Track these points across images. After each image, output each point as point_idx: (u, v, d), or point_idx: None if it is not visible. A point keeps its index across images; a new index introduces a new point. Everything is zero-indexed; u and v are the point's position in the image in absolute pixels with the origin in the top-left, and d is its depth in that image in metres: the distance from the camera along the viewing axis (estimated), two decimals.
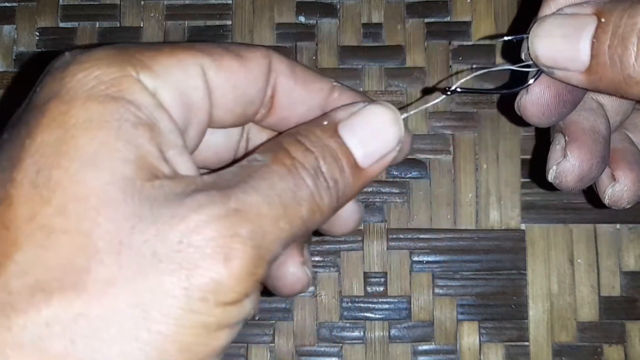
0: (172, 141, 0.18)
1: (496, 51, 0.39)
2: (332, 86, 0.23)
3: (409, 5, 0.39)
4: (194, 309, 0.16)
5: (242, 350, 0.37)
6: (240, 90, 0.21)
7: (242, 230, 0.16)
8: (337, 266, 0.37)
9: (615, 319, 0.37)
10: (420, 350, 0.37)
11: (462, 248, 0.37)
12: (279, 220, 0.18)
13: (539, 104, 0.24)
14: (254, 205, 0.17)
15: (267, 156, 0.19)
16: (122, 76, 0.18)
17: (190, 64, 0.19)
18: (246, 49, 0.21)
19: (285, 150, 0.19)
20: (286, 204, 0.18)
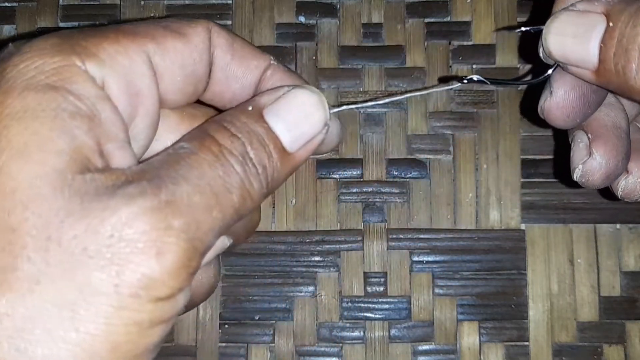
0: (113, 134, 0.18)
1: (496, 51, 0.39)
2: (268, 64, 0.22)
3: (409, 5, 0.39)
4: (125, 306, 0.15)
5: (242, 350, 0.37)
6: (188, 69, 0.20)
7: (175, 222, 0.16)
8: (337, 266, 0.37)
9: (615, 319, 0.37)
10: (420, 350, 0.37)
11: (462, 248, 0.37)
12: (212, 210, 0.17)
13: (564, 106, 0.24)
14: (185, 195, 0.17)
15: (193, 144, 0.18)
16: (64, 65, 0.17)
17: (135, 51, 0.19)
18: (186, 25, 0.20)
19: (212, 137, 0.19)
20: (217, 192, 0.17)
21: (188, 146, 0.18)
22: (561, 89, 0.24)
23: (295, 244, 0.37)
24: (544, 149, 0.38)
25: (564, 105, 0.24)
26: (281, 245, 0.37)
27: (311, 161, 0.38)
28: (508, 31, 0.38)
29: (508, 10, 0.39)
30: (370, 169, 0.38)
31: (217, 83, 0.22)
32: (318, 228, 0.38)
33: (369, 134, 0.38)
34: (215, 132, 0.19)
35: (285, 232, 0.38)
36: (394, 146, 0.38)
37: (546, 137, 0.38)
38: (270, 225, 0.38)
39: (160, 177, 0.17)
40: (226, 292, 0.37)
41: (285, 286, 0.37)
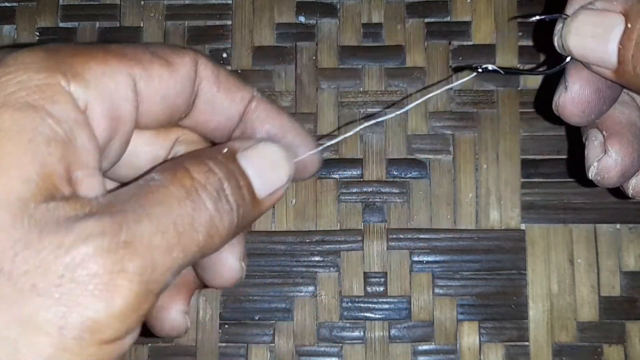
0: (85, 161, 0.17)
1: (496, 51, 0.39)
2: (252, 96, 0.22)
3: (409, 5, 0.39)
4: (67, 348, 0.15)
5: (242, 350, 0.37)
6: (169, 100, 0.20)
7: (130, 265, 0.16)
8: (337, 266, 0.37)
9: (615, 319, 0.37)
10: (420, 350, 0.37)
11: (462, 248, 0.37)
12: (172, 251, 0.17)
13: (579, 101, 0.23)
14: (146, 236, 0.16)
15: (165, 176, 0.18)
16: (48, 84, 0.17)
17: (121, 73, 0.19)
18: (174, 54, 0.20)
19: (186, 170, 0.18)
20: (181, 231, 0.17)
21: (159, 178, 0.18)
22: (577, 84, 0.23)
23: (295, 244, 0.37)
24: (544, 149, 0.38)
25: (579, 100, 0.23)
26: (281, 245, 0.37)
27: None
28: (524, 19, 0.38)
29: (508, 10, 0.39)
30: (370, 169, 0.38)
31: (202, 113, 0.22)
32: (318, 228, 0.38)
33: (369, 134, 0.38)
34: (192, 165, 0.19)
35: (285, 232, 0.38)
36: (394, 146, 0.38)
37: (546, 137, 0.38)
38: (270, 225, 0.38)
39: (124, 213, 0.16)
40: (226, 292, 0.37)
41: (285, 286, 0.37)
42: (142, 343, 0.37)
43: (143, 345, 0.37)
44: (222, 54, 0.39)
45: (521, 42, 0.39)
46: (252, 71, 0.39)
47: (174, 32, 0.39)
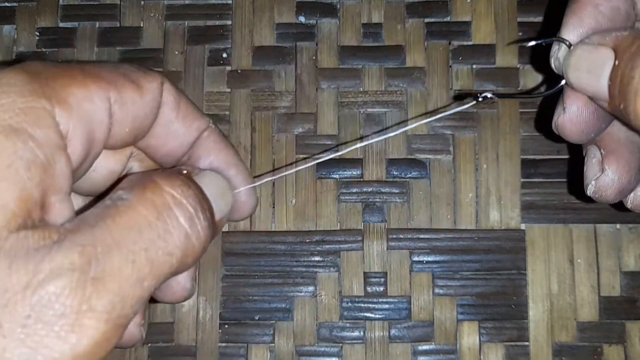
0: (59, 186, 0.17)
1: (496, 52, 0.39)
2: (207, 126, 0.23)
3: (409, 5, 0.39)
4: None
5: (242, 350, 0.37)
6: (137, 122, 0.20)
7: (98, 303, 0.15)
8: (337, 266, 0.37)
9: (615, 319, 0.37)
10: (420, 350, 0.37)
11: (462, 248, 0.37)
12: (144, 280, 0.17)
13: (578, 122, 0.24)
14: (115, 269, 0.16)
15: (134, 193, 0.18)
16: (32, 107, 0.17)
17: (100, 98, 0.19)
18: (144, 77, 0.20)
19: (156, 185, 0.18)
20: (154, 257, 0.17)
21: (127, 197, 0.17)
22: (574, 104, 0.24)
23: (295, 244, 0.37)
24: (544, 149, 0.38)
25: (577, 121, 0.24)
26: (281, 245, 0.37)
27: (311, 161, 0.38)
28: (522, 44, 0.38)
29: (508, 10, 0.39)
30: (370, 169, 0.38)
31: (156, 137, 0.22)
32: (318, 228, 0.38)
33: (369, 134, 0.38)
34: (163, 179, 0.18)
35: (285, 232, 0.38)
36: (394, 146, 0.38)
37: (546, 137, 0.38)
38: (270, 225, 0.38)
39: (92, 245, 0.16)
40: (226, 292, 0.37)
41: (285, 286, 0.37)
42: (142, 343, 0.37)
43: (143, 345, 0.37)
44: (222, 54, 0.39)
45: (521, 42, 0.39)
46: (252, 71, 0.39)
47: (174, 32, 0.39)
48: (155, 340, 0.37)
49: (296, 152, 0.38)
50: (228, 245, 0.37)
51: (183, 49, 0.39)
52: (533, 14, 0.39)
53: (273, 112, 0.39)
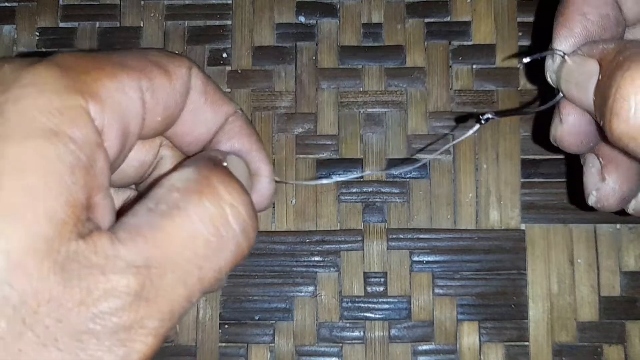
0: (101, 183, 0.17)
1: (496, 52, 0.39)
2: (234, 111, 0.22)
3: (409, 5, 0.39)
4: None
5: (242, 350, 0.37)
6: (170, 110, 0.20)
7: (149, 322, 0.16)
8: (337, 266, 0.37)
9: (615, 319, 0.37)
10: (420, 350, 0.37)
11: (462, 248, 0.37)
12: (192, 298, 0.17)
13: (576, 132, 0.24)
14: (168, 290, 0.16)
15: (190, 202, 0.17)
16: (68, 106, 0.16)
17: (131, 88, 0.18)
18: (171, 62, 0.20)
19: (214, 192, 0.17)
20: (205, 276, 0.17)
21: (183, 205, 0.17)
22: (570, 115, 0.24)
23: (295, 244, 0.37)
24: (544, 149, 0.38)
25: (575, 131, 0.24)
26: (281, 245, 0.37)
27: (311, 161, 0.38)
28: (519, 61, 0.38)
29: (508, 10, 0.39)
30: (370, 169, 0.38)
31: (185, 124, 0.21)
32: (318, 228, 0.38)
33: (369, 134, 0.38)
34: (222, 185, 0.17)
35: (285, 232, 0.38)
36: (394, 146, 0.38)
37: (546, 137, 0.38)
38: (270, 225, 0.38)
39: (147, 261, 0.16)
40: (226, 292, 0.37)
41: (285, 286, 0.37)
42: None
43: None
44: (222, 54, 0.39)
45: (521, 42, 0.39)
46: (252, 71, 0.39)
47: (174, 32, 0.39)
48: None
49: (296, 152, 0.38)
50: None
51: (183, 49, 0.39)
52: (533, 14, 0.39)
53: (273, 112, 0.39)
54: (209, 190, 0.17)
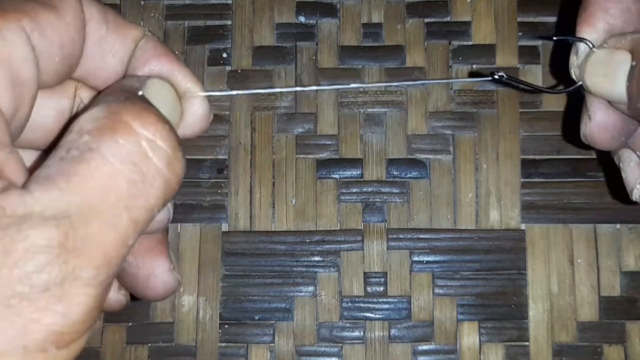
0: (1, 139, 0.15)
1: (496, 52, 0.39)
2: (142, 34, 0.20)
3: (409, 5, 0.39)
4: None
5: (242, 350, 0.37)
6: (67, 49, 0.18)
7: (82, 272, 0.15)
8: (337, 266, 0.37)
9: (615, 319, 0.37)
10: (420, 350, 0.37)
11: (462, 248, 0.37)
12: (128, 240, 0.15)
13: (606, 128, 0.23)
14: (97, 236, 0.15)
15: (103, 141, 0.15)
16: None
17: (14, 32, 0.16)
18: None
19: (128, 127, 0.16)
20: (136, 216, 0.15)
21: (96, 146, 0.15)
22: (599, 110, 0.23)
23: (295, 244, 0.37)
24: (544, 149, 0.38)
25: (605, 127, 0.23)
26: (281, 245, 0.37)
27: (311, 161, 0.38)
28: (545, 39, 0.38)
29: (508, 10, 0.39)
30: (370, 169, 0.38)
31: (92, 59, 0.19)
32: (318, 228, 0.38)
33: (369, 134, 0.38)
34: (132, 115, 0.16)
35: (285, 232, 0.38)
36: (394, 146, 0.38)
37: (546, 137, 0.38)
38: (270, 225, 0.38)
39: (66, 212, 0.14)
40: (226, 292, 0.37)
41: (285, 286, 0.37)
42: (142, 343, 0.37)
43: (143, 345, 0.37)
44: (222, 54, 0.39)
45: (521, 42, 0.39)
46: (252, 71, 0.39)
47: (174, 32, 0.39)
48: (155, 340, 0.37)
49: (296, 152, 0.38)
50: (228, 245, 0.37)
51: (183, 49, 0.39)
52: (533, 14, 0.39)
53: (273, 112, 0.39)
54: (121, 126, 0.16)
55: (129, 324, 0.37)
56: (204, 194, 0.38)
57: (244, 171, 0.38)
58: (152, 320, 0.37)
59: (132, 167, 0.15)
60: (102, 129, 0.15)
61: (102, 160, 0.15)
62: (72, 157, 0.15)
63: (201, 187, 0.38)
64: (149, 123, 0.16)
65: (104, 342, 0.37)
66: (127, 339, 0.37)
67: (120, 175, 0.15)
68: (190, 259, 0.37)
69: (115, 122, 0.15)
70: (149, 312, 0.37)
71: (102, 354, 0.37)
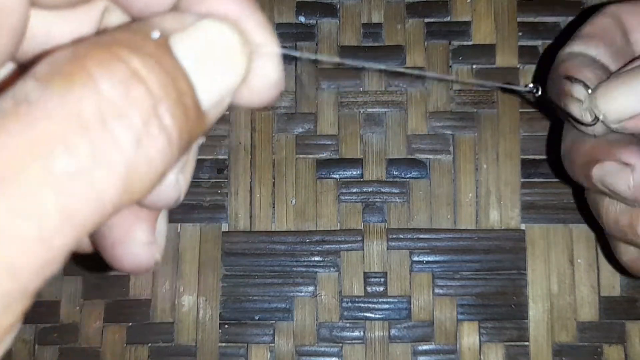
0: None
1: (496, 51, 0.39)
2: None
3: (409, 5, 0.39)
4: None
5: (242, 350, 0.37)
6: None
7: None
8: (337, 266, 0.37)
9: (615, 319, 0.37)
10: (420, 350, 0.37)
11: (462, 248, 0.37)
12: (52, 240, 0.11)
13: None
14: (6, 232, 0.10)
15: (49, 90, 0.11)
16: None
17: None
18: None
19: (86, 73, 0.11)
20: (71, 208, 0.11)
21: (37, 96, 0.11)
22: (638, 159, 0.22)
23: (295, 244, 0.37)
24: (544, 149, 0.38)
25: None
26: (281, 245, 0.37)
27: (311, 161, 0.38)
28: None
29: (508, 10, 0.39)
30: (370, 169, 0.38)
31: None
32: (318, 228, 0.38)
33: (369, 134, 0.38)
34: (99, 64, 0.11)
35: (285, 232, 0.38)
36: (394, 146, 0.38)
37: (546, 137, 0.38)
38: (270, 225, 0.38)
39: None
40: (226, 292, 0.37)
41: (285, 286, 0.37)
42: (142, 343, 0.37)
43: (143, 345, 0.37)
44: None
45: (521, 42, 0.39)
46: None
47: None
48: (155, 340, 0.37)
49: (296, 152, 0.38)
50: (228, 245, 0.37)
51: None
52: (533, 14, 0.39)
53: (273, 112, 0.39)
54: (79, 75, 0.11)
55: (129, 324, 0.37)
56: (204, 194, 0.38)
57: (244, 171, 0.38)
58: (152, 320, 0.37)
59: (79, 129, 0.11)
60: (55, 75, 0.11)
61: (38, 115, 0.11)
62: (3, 110, 0.11)
63: (201, 187, 0.38)
64: (119, 78, 0.11)
65: (103, 342, 0.37)
66: (127, 339, 0.37)
67: (58, 139, 0.11)
68: (190, 259, 0.37)
69: (74, 69, 0.11)
70: (149, 312, 0.37)
71: (102, 354, 0.37)
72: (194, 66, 0.13)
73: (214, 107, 0.13)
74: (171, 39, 0.13)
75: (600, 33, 0.26)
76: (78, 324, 0.37)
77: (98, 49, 0.12)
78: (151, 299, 0.37)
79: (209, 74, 0.13)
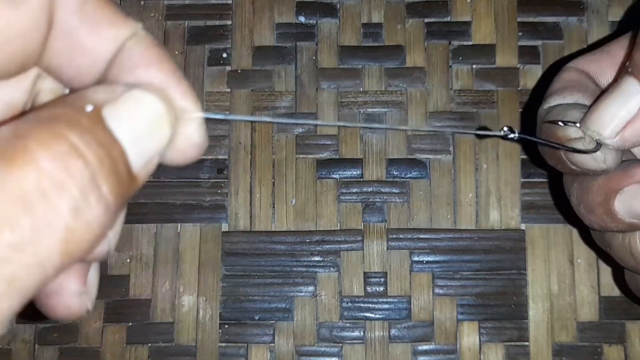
0: None
1: (496, 51, 0.39)
2: (131, 34, 0.16)
3: (409, 5, 0.39)
4: None
5: (242, 350, 0.37)
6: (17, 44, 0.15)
7: None
8: (337, 266, 0.37)
9: (615, 319, 0.37)
10: (420, 350, 0.37)
11: (462, 248, 0.37)
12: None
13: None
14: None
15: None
16: None
17: None
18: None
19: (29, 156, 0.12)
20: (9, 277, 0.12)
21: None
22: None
23: (295, 244, 0.37)
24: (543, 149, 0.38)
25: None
26: (281, 245, 0.37)
27: (311, 161, 0.38)
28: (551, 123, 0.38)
29: (508, 10, 0.39)
30: (370, 169, 0.38)
31: (56, 54, 0.16)
32: (318, 228, 0.38)
33: (369, 134, 0.38)
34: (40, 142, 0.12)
35: (285, 232, 0.38)
36: (394, 146, 0.38)
37: None
38: (270, 225, 0.38)
39: None
40: (226, 292, 0.37)
41: (285, 286, 0.37)
42: (142, 343, 0.37)
43: (143, 345, 0.37)
44: (222, 54, 0.39)
45: (521, 42, 0.39)
46: (252, 71, 0.39)
47: (174, 32, 0.39)
48: (155, 340, 0.37)
49: (296, 152, 0.38)
50: (228, 245, 0.37)
51: (183, 49, 0.39)
52: (533, 14, 0.39)
53: (273, 112, 0.39)
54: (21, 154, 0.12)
55: (129, 324, 0.37)
56: (204, 194, 0.38)
57: (244, 171, 0.38)
58: (152, 320, 0.37)
59: (21, 209, 0.12)
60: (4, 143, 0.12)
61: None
62: None
63: (201, 187, 0.38)
64: (58, 155, 0.12)
65: (103, 342, 0.37)
66: (127, 339, 0.37)
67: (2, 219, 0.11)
68: (190, 259, 0.37)
69: (16, 149, 0.12)
70: (149, 312, 0.37)
71: (102, 354, 0.37)
72: (126, 134, 0.14)
73: (143, 168, 0.15)
74: (104, 110, 0.14)
75: (571, 84, 0.27)
76: (78, 324, 0.37)
77: (38, 128, 0.12)
78: (151, 299, 0.37)
79: (139, 140, 0.14)
